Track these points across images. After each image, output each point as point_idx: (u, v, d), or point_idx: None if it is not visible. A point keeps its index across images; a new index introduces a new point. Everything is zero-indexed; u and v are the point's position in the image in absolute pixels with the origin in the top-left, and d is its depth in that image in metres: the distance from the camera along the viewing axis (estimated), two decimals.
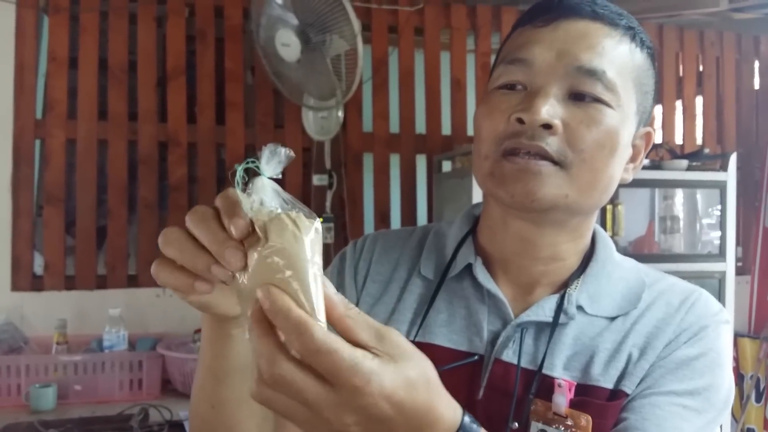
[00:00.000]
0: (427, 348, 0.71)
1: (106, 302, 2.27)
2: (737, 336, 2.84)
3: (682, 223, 2.57)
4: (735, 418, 2.84)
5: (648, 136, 0.76)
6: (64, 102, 2.37)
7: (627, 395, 0.68)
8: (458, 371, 0.71)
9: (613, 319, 0.72)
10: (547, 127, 0.66)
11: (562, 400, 0.67)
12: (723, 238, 2.43)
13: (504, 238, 0.75)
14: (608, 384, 0.69)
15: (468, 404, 0.70)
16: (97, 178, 2.40)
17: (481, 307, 0.74)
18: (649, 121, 0.76)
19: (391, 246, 0.84)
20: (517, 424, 0.69)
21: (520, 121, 0.66)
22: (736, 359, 2.88)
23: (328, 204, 2.52)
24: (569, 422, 0.66)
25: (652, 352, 0.69)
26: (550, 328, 0.71)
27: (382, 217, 2.66)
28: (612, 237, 2.19)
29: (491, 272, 0.76)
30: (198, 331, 2.30)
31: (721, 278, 2.40)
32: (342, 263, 0.84)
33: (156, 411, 1.85)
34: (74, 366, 2.01)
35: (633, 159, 0.75)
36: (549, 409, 0.68)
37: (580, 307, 0.72)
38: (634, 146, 0.74)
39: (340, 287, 0.80)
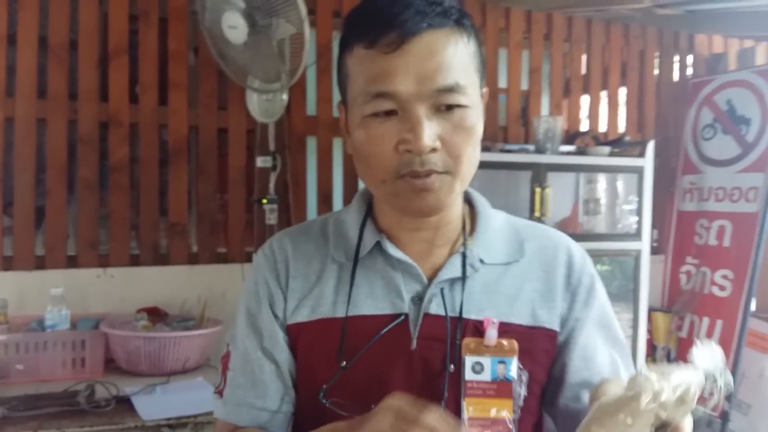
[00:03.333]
0: (358, 319, 0.85)
1: (46, 283, 2.26)
2: (651, 310, 3.05)
3: (603, 205, 2.77)
4: None
5: (486, 94, 0.87)
6: (2, 80, 2.32)
7: (548, 329, 0.87)
8: (389, 332, 0.84)
9: (507, 264, 0.89)
10: (432, 149, 0.77)
11: (493, 332, 0.83)
12: (640, 220, 2.63)
13: (400, 221, 0.88)
14: (520, 320, 0.86)
15: (404, 355, 0.84)
16: (35, 157, 2.37)
17: (395, 274, 0.87)
18: (485, 82, 0.87)
19: (299, 242, 0.92)
20: (453, 366, 0.83)
21: (409, 151, 0.77)
22: (650, 332, 3.10)
23: (271, 186, 2.56)
24: (499, 349, 0.82)
25: (551, 295, 0.89)
26: (462, 282, 0.86)
27: (325, 199, 2.73)
28: (540, 218, 2.34)
29: (395, 245, 0.88)
30: (140, 310, 2.32)
31: (637, 256, 2.61)
32: (261, 272, 0.91)
33: (102, 387, 1.87)
34: (16, 345, 2.01)
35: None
36: (480, 343, 0.83)
37: (480, 260, 0.88)
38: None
39: (268, 297, 0.89)
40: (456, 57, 0.78)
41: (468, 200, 0.94)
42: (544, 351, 0.87)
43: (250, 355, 0.88)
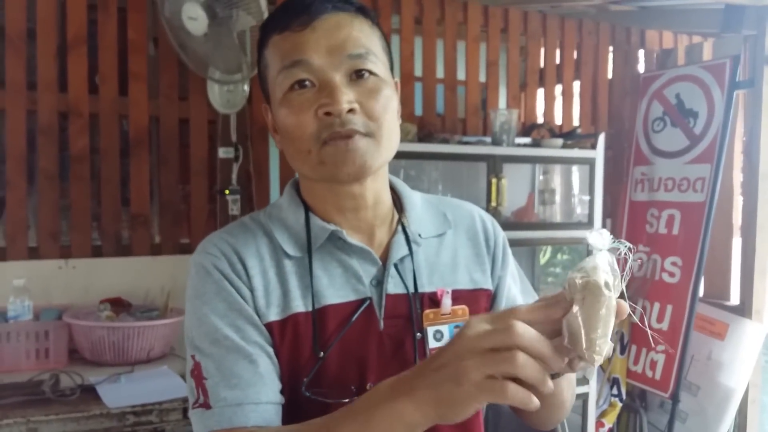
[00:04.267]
0: (326, 310, 0.88)
1: (7, 274, 2.25)
2: None
3: (558, 195, 2.86)
4: (602, 368, 3.19)
5: (396, 85, 0.94)
6: None
7: (486, 289, 0.99)
8: (358, 317, 0.88)
9: (440, 236, 0.98)
10: (350, 110, 0.83)
11: (448, 301, 0.92)
12: (591, 209, 2.74)
13: (337, 202, 0.91)
14: (463, 285, 0.96)
15: (374, 336, 0.89)
16: None
17: (351, 261, 0.91)
18: (393, 73, 0.94)
19: (243, 240, 0.90)
20: (420, 334, 0.90)
21: (328, 114, 0.82)
22: None
23: (234, 176, 2.59)
24: (453, 315, 0.92)
25: (480, 258, 1.00)
26: (410, 259, 0.93)
27: None
28: (496, 207, 2.42)
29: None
30: (103, 301, 2.33)
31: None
32: (215, 273, 0.87)
33: (67, 377, 1.89)
34: None
35: None
36: (438, 313, 0.91)
37: (419, 235, 0.95)
38: None
39: (239, 293, 0.86)
40: (363, 32, 0.87)
41: (393, 186, 1.00)
42: (485, 309, 0.98)
43: (241, 351, 0.83)
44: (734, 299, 3.15)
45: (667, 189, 3.14)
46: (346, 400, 0.84)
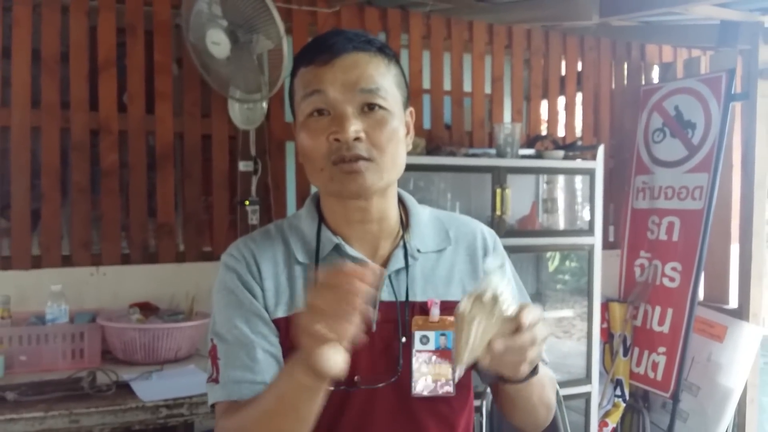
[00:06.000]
0: None
1: (43, 281, 2.41)
2: (608, 301, 3.26)
3: (561, 204, 2.99)
4: (606, 369, 3.30)
5: (411, 113, 1.09)
6: None
7: None
8: None
9: (438, 252, 1.10)
10: (356, 138, 0.97)
11: (436, 311, 1.04)
12: (592, 217, 2.86)
13: (346, 214, 1.05)
14: (455, 297, 1.06)
15: (367, 337, 1.01)
16: (30, 163, 2.51)
17: None
18: (409, 103, 1.08)
19: (261, 248, 1.07)
20: (404, 339, 1.03)
21: (337, 140, 0.97)
22: (607, 321, 3.31)
23: (253, 188, 2.75)
24: (441, 324, 1.04)
25: (476, 273, 1.11)
26: (405, 271, 1.06)
27: (303, 200, 2.87)
28: (500, 216, 2.56)
29: (349, 243, 1.07)
30: (132, 305, 2.49)
31: (590, 250, 2.83)
32: (234, 272, 1.05)
33: (103, 374, 2.04)
34: (19, 338, 2.16)
35: (407, 132, 1.08)
36: (426, 320, 1.04)
37: (418, 250, 1.08)
38: (405, 123, 1.07)
39: (250, 290, 1.03)
40: (377, 71, 1.00)
41: (400, 200, 1.13)
42: None
43: (245, 339, 1.00)
44: (732, 303, 3.24)
45: (667, 197, 3.24)
46: (331, 388, 0.98)
